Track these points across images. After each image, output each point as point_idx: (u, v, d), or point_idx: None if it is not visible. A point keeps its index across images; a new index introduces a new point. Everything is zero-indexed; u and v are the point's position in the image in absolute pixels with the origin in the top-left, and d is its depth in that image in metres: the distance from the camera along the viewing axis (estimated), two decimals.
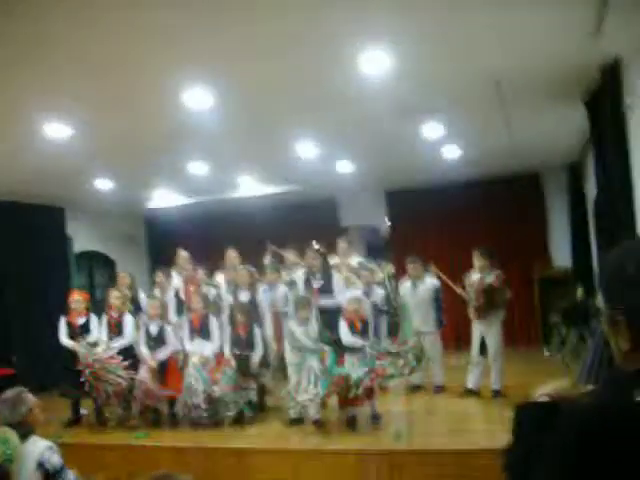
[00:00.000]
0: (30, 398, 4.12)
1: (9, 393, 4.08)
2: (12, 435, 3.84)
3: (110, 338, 7.63)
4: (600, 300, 1.37)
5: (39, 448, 3.91)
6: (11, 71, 4.90)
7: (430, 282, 8.25)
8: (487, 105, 6.81)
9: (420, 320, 8.03)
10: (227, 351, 7.22)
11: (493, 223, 11.68)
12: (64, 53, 4.67)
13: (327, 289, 7.53)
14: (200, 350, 7.28)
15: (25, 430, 3.94)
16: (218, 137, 7.39)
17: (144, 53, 4.82)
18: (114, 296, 7.84)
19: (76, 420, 7.81)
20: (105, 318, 7.77)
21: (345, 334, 6.75)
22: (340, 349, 6.85)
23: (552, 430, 1.24)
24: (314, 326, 6.91)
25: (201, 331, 7.42)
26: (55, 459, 3.90)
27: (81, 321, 7.73)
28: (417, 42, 4.98)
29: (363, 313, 6.98)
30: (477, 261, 7.77)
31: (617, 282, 1.30)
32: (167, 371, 7.47)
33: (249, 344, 7.18)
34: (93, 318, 7.82)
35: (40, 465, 3.83)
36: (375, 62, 5.24)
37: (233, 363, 7.10)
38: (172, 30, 4.40)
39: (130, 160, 8.47)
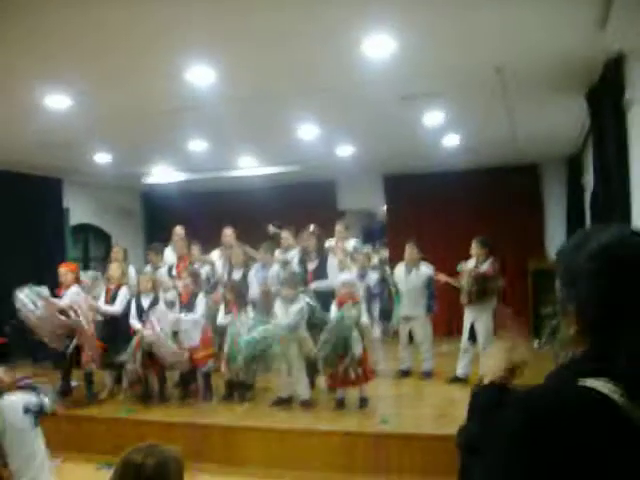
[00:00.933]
0: None
1: None
2: None
3: None
4: (557, 285, 1.40)
5: (18, 398, 4.21)
6: (12, 41, 4.88)
7: (424, 269, 8.26)
8: (488, 94, 6.79)
9: (410, 305, 8.08)
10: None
11: (490, 212, 11.68)
12: (69, 28, 4.63)
13: (321, 271, 7.55)
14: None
15: None
16: (219, 115, 7.37)
17: (147, 30, 4.79)
18: (114, 267, 7.95)
19: (66, 391, 7.84)
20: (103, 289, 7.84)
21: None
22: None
23: (500, 412, 1.29)
24: (297, 306, 6.92)
25: (188, 307, 7.44)
26: (33, 399, 4.24)
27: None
28: (421, 28, 4.96)
29: (355, 296, 7.00)
30: (474, 249, 7.81)
31: (569, 271, 1.34)
32: None
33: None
34: (74, 288, 7.70)
35: (27, 410, 4.15)
36: (379, 47, 5.22)
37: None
38: (177, 8, 4.38)
39: (129, 134, 8.44)
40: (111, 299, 7.76)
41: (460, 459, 1.51)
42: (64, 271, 7.85)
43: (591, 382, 1.20)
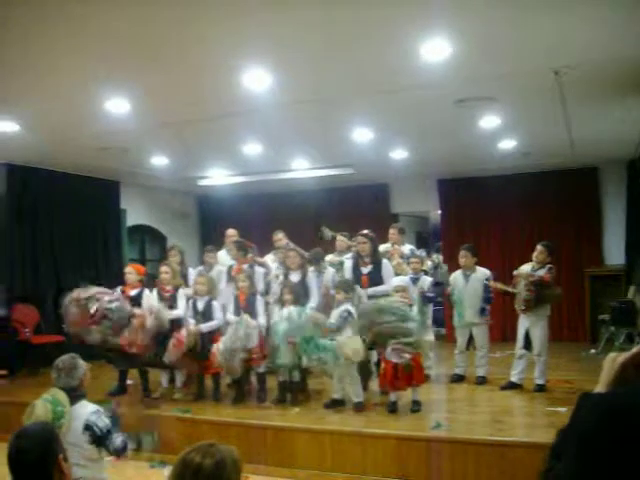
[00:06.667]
0: (83, 363, 4.25)
1: (65, 360, 4.21)
2: (62, 396, 3.99)
3: None
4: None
5: (88, 410, 4.06)
6: (74, 45, 5.00)
7: (481, 272, 8.14)
8: (546, 98, 6.71)
9: (472, 311, 7.95)
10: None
11: (546, 215, 11.52)
12: (128, 31, 4.73)
13: (376, 276, 7.47)
14: None
15: (77, 394, 4.09)
16: (274, 118, 7.43)
17: (205, 34, 4.86)
18: (163, 271, 7.88)
19: (122, 389, 7.97)
20: (155, 291, 7.82)
21: None
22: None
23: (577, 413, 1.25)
24: (341, 308, 6.92)
25: (247, 309, 7.40)
26: (102, 422, 4.05)
27: (133, 293, 7.81)
28: (478, 32, 4.93)
29: (409, 299, 6.97)
30: (540, 255, 7.57)
31: None
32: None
33: None
34: (146, 291, 7.89)
35: (87, 427, 3.98)
36: (435, 51, 5.21)
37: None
38: (234, 12, 4.43)
39: (186, 138, 8.55)
40: (168, 301, 7.71)
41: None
42: (130, 270, 8.02)
43: None
